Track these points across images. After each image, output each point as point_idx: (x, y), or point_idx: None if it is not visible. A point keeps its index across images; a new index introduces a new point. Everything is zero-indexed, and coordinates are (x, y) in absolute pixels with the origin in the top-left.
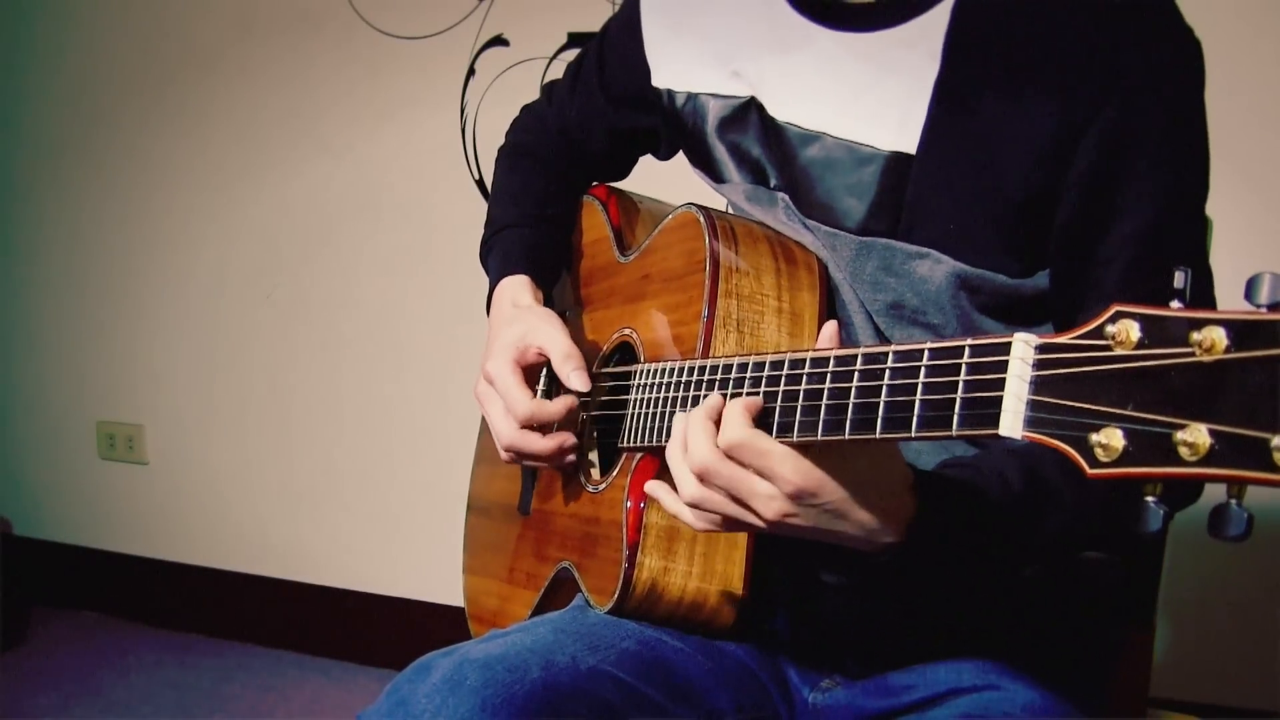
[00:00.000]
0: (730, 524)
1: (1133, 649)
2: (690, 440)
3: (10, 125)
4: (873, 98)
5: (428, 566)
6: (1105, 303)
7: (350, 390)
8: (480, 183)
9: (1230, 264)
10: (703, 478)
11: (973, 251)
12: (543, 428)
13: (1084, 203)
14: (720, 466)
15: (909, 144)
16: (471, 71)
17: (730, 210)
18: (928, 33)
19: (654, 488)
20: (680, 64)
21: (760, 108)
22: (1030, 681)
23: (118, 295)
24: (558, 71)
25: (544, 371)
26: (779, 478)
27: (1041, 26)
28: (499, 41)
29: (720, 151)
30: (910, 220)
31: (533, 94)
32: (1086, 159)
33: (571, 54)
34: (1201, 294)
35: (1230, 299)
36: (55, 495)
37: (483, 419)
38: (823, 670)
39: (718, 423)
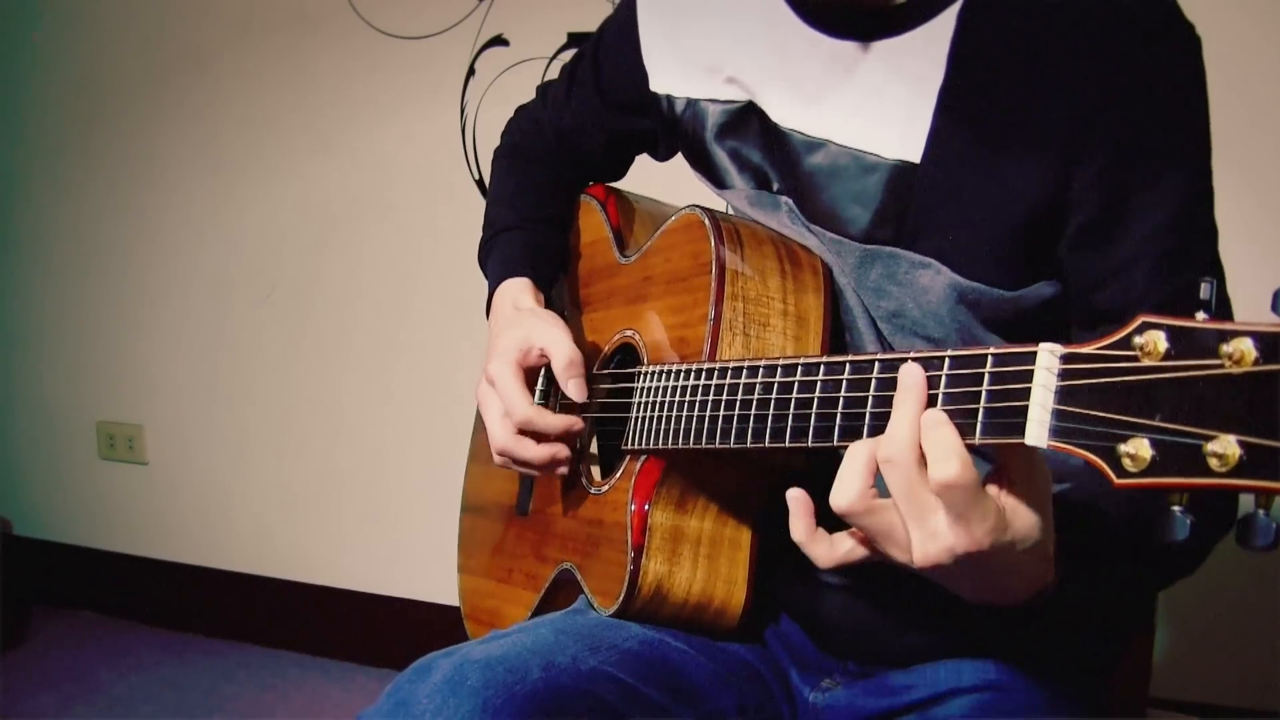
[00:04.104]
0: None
1: (1133, 649)
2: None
3: (10, 125)
4: (877, 105)
5: (427, 566)
6: (1137, 303)
7: (350, 390)
8: (480, 183)
9: (1231, 263)
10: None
11: (968, 263)
12: (538, 435)
13: (1099, 206)
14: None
15: (914, 153)
16: (471, 71)
17: (732, 213)
18: (933, 40)
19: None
20: (676, 69)
21: (761, 113)
22: (1030, 681)
23: (118, 295)
24: (557, 71)
25: (543, 372)
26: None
27: (1046, 31)
28: (499, 41)
29: (721, 157)
30: (914, 230)
31: (532, 94)
32: (1096, 163)
33: (571, 54)
34: (1218, 293)
35: (1235, 298)
36: (55, 495)
37: (477, 416)
38: (823, 670)
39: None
